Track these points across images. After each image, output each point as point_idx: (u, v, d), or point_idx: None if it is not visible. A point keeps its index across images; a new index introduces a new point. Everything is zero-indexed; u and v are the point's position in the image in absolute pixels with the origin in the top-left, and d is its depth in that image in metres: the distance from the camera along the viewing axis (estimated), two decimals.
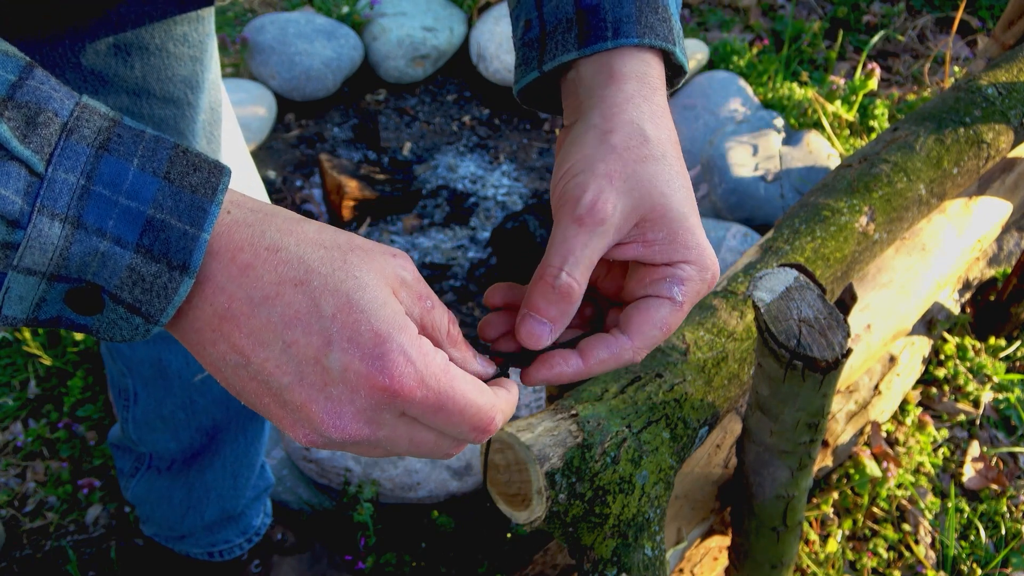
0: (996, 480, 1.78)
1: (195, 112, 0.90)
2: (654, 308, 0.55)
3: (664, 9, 0.60)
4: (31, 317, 0.45)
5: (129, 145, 0.44)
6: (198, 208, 0.44)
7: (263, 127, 2.56)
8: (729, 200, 2.22)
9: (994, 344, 2.03)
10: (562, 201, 0.55)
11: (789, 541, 1.18)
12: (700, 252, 0.56)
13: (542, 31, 0.61)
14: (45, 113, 0.42)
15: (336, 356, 0.45)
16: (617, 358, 0.56)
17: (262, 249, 0.46)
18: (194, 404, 1.21)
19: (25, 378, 1.94)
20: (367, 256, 0.48)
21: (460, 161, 2.61)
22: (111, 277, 0.44)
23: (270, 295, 0.46)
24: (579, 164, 0.55)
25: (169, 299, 0.44)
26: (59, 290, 0.44)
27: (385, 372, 0.45)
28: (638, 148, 0.55)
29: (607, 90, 0.57)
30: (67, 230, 0.42)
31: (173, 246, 0.44)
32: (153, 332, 0.46)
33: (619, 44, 0.58)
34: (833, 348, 0.88)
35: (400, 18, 2.83)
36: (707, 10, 3.15)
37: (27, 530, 1.70)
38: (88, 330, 0.46)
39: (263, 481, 1.44)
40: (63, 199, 0.42)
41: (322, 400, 0.46)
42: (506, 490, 0.84)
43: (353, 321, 0.46)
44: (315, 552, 1.56)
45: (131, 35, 0.80)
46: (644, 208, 0.54)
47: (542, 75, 0.61)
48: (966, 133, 1.37)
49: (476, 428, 0.49)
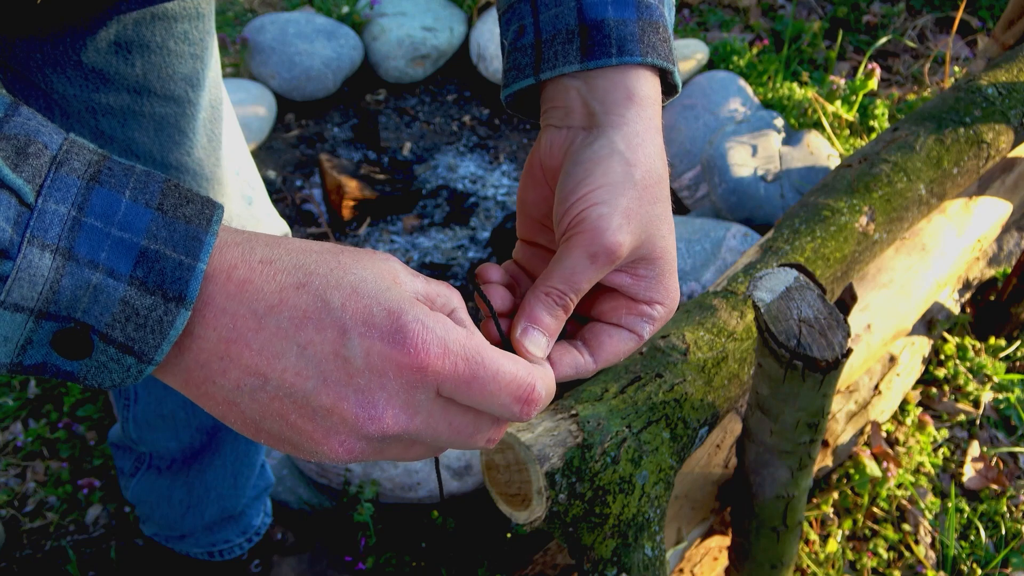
0: (996, 480, 1.78)
1: (196, 110, 0.90)
2: (623, 340, 0.58)
3: (664, 29, 0.61)
4: (15, 362, 0.43)
5: (120, 177, 0.43)
6: (193, 238, 0.43)
7: (263, 127, 2.56)
8: (729, 200, 2.22)
9: (994, 344, 2.03)
10: (578, 226, 0.55)
11: (789, 541, 1.18)
12: (673, 296, 0.59)
13: (537, 38, 0.61)
14: (35, 144, 0.41)
15: (355, 343, 0.44)
16: (579, 372, 0.58)
17: (256, 263, 0.45)
18: (194, 403, 1.20)
19: (25, 378, 1.94)
20: (359, 256, 0.48)
21: (460, 161, 2.61)
22: (103, 313, 0.42)
23: (274, 304, 0.44)
24: (603, 193, 0.55)
25: (164, 334, 0.43)
26: (46, 330, 0.42)
27: (408, 345, 0.44)
28: (653, 188, 0.57)
29: (629, 112, 0.58)
30: (58, 261, 0.41)
31: (168, 277, 0.42)
32: (145, 374, 0.44)
33: (623, 62, 0.58)
34: (833, 348, 0.88)
35: (400, 18, 2.83)
36: (707, 10, 3.15)
37: (27, 530, 1.70)
38: (74, 377, 0.44)
39: (263, 481, 1.44)
40: (54, 230, 0.41)
41: (351, 394, 0.45)
42: (506, 490, 0.84)
43: (364, 307, 0.45)
44: (315, 552, 1.56)
45: (132, 33, 0.80)
46: (645, 248, 0.57)
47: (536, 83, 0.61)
48: (966, 133, 1.37)
49: (517, 398, 0.48)
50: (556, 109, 0.61)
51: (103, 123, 0.84)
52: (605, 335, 0.58)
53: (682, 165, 2.43)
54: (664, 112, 2.82)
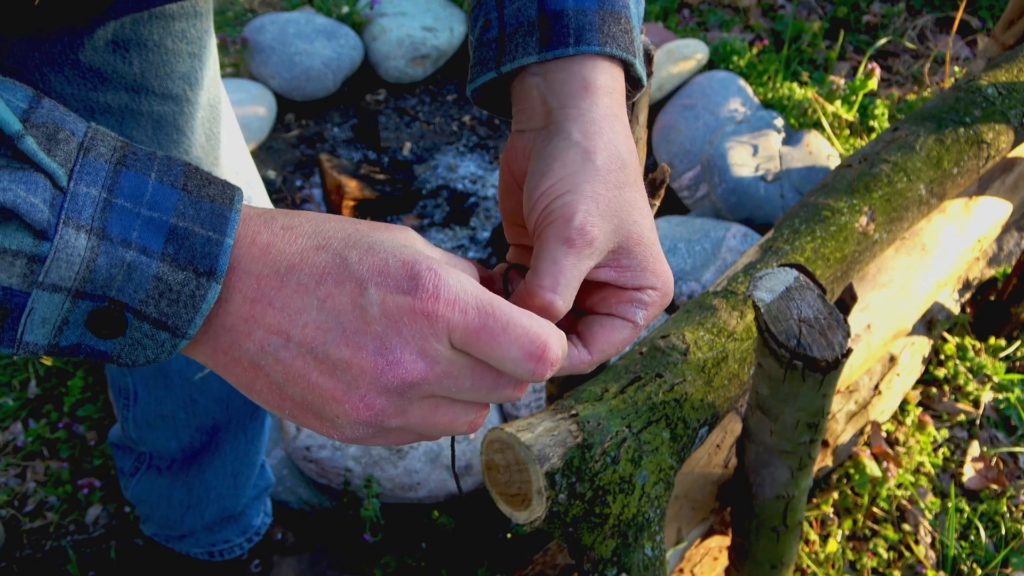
0: (996, 480, 1.78)
1: (194, 109, 0.90)
2: (617, 329, 0.57)
3: (627, 21, 0.61)
4: (52, 343, 0.44)
5: (144, 161, 0.45)
6: (219, 215, 0.45)
7: (263, 127, 2.56)
8: (729, 200, 2.22)
9: (994, 344, 2.03)
10: (547, 219, 0.55)
11: (789, 541, 1.18)
12: (664, 278, 0.58)
13: (501, 32, 0.61)
14: (63, 131, 0.43)
15: (371, 292, 0.46)
16: (574, 367, 0.57)
17: (278, 228, 0.47)
18: (194, 403, 1.21)
19: (25, 378, 1.94)
20: (375, 224, 0.50)
21: (460, 161, 2.61)
22: (136, 291, 0.43)
23: (295, 263, 0.46)
24: (565, 183, 0.55)
25: (197, 308, 0.44)
26: (82, 310, 0.43)
27: (420, 292, 0.45)
28: (618, 173, 0.56)
29: (584, 102, 0.58)
30: (93, 241, 0.42)
31: (198, 252, 0.44)
32: (179, 348, 0.46)
33: (580, 51, 0.58)
34: (833, 348, 0.88)
35: (400, 18, 2.83)
36: (707, 10, 3.15)
37: (27, 530, 1.70)
38: (108, 357, 0.45)
39: (263, 480, 1.44)
40: (87, 211, 0.42)
41: (369, 342, 0.46)
42: (506, 490, 0.84)
43: (380, 260, 0.46)
44: (315, 552, 1.56)
45: (129, 32, 0.80)
46: (621, 235, 0.56)
47: (499, 76, 0.61)
48: (966, 133, 1.37)
49: (531, 354, 0.47)
50: (520, 112, 0.61)
51: (101, 122, 0.84)
52: (597, 326, 0.58)
53: (682, 165, 2.43)
54: (664, 112, 2.81)
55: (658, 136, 2.51)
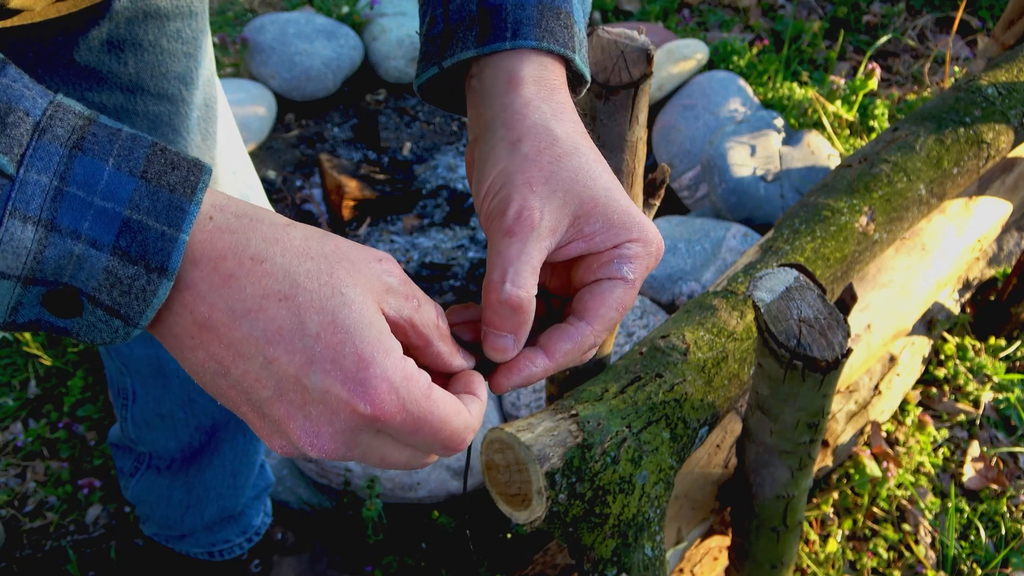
0: (996, 480, 1.78)
1: (189, 108, 0.90)
2: (607, 290, 0.56)
3: (567, 16, 0.60)
4: (8, 321, 0.43)
5: (104, 144, 0.43)
6: (176, 208, 0.43)
7: (263, 127, 2.56)
8: (729, 200, 2.22)
9: (994, 344, 2.03)
10: (490, 220, 0.55)
11: (789, 541, 1.18)
12: (641, 228, 0.56)
13: (446, 27, 0.61)
14: (16, 112, 0.41)
15: (318, 377, 0.45)
16: (580, 346, 0.56)
17: (246, 259, 0.45)
18: (193, 403, 1.21)
19: (25, 378, 1.94)
20: (353, 268, 0.47)
21: (460, 161, 2.61)
22: (88, 280, 0.43)
23: (253, 308, 0.45)
24: (497, 180, 0.55)
25: (148, 302, 0.43)
26: (35, 293, 0.43)
27: (366, 398, 0.45)
28: (549, 149, 0.55)
29: (507, 98, 0.58)
30: (40, 233, 0.41)
31: (151, 247, 0.43)
32: (133, 335, 0.45)
33: (517, 45, 0.58)
34: (833, 348, 0.88)
35: (400, 18, 2.83)
36: (707, 10, 3.15)
37: (27, 530, 1.70)
38: (68, 333, 0.45)
39: (263, 480, 1.44)
40: (35, 201, 0.41)
41: (300, 418, 0.46)
42: (506, 490, 0.84)
43: (337, 342, 0.45)
44: (315, 552, 1.56)
45: (124, 31, 0.80)
46: (573, 204, 0.55)
47: (442, 72, 0.61)
48: (966, 133, 1.37)
49: (447, 447, 0.49)
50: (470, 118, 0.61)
51: None
52: (587, 295, 0.56)
53: (682, 165, 2.43)
54: (664, 112, 2.81)
55: (658, 136, 2.51)
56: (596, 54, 0.82)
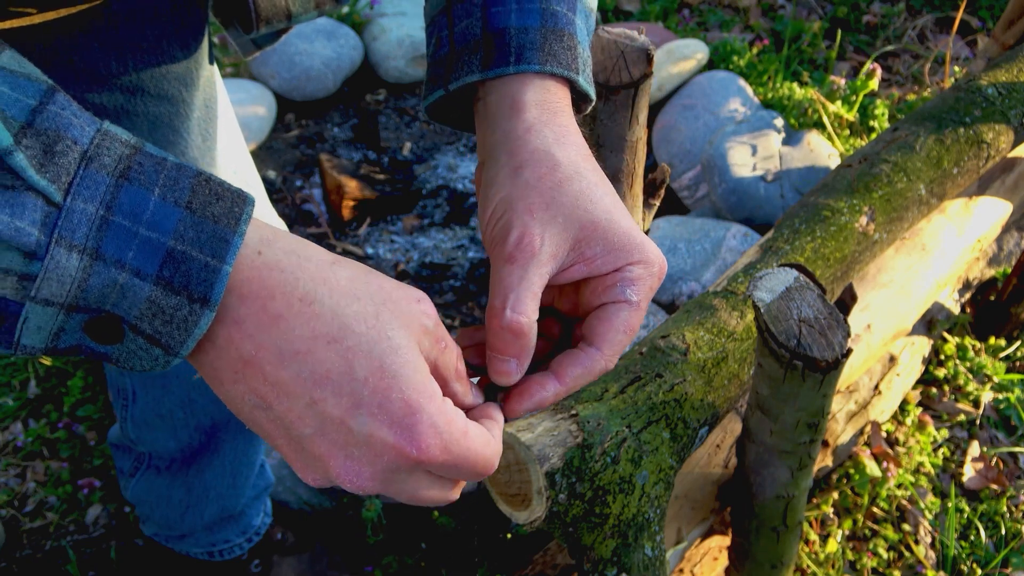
0: (996, 480, 1.78)
1: (189, 109, 0.90)
2: (613, 314, 0.56)
3: (570, 37, 0.61)
4: (50, 346, 0.44)
5: (150, 174, 0.43)
6: (220, 239, 0.43)
7: (263, 127, 2.56)
8: (729, 200, 2.22)
9: (994, 344, 2.03)
10: (493, 245, 0.56)
11: (789, 541, 1.18)
12: (642, 250, 0.56)
13: (451, 50, 0.62)
14: (64, 141, 0.41)
15: (364, 420, 0.46)
16: (590, 371, 0.56)
17: (295, 299, 0.45)
18: (193, 403, 1.21)
19: (25, 378, 1.94)
20: (397, 309, 0.48)
21: (460, 161, 2.61)
22: (130, 308, 0.43)
23: (301, 350, 0.45)
24: (500, 207, 0.56)
25: (189, 332, 0.44)
26: (77, 320, 0.43)
27: (414, 444, 0.46)
28: (550, 175, 0.56)
29: (510, 123, 0.58)
30: (85, 261, 0.41)
31: (194, 278, 0.43)
32: (173, 364, 0.45)
33: (521, 70, 0.58)
34: (833, 348, 0.88)
35: (400, 18, 2.83)
36: (707, 10, 3.15)
37: (27, 530, 1.70)
38: (108, 358, 0.45)
39: (263, 480, 1.44)
40: (81, 230, 0.41)
41: (342, 458, 0.47)
42: (506, 490, 0.84)
43: (385, 387, 0.45)
44: (315, 552, 1.56)
45: (124, 33, 0.80)
46: (573, 228, 0.55)
47: (448, 94, 0.62)
48: (966, 133, 1.37)
49: (479, 475, 0.51)
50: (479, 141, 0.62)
51: None
52: (595, 320, 0.57)
53: (682, 165, 2.43)
54: (664, 112, 2.81)
55: (658, 136, 2.51)
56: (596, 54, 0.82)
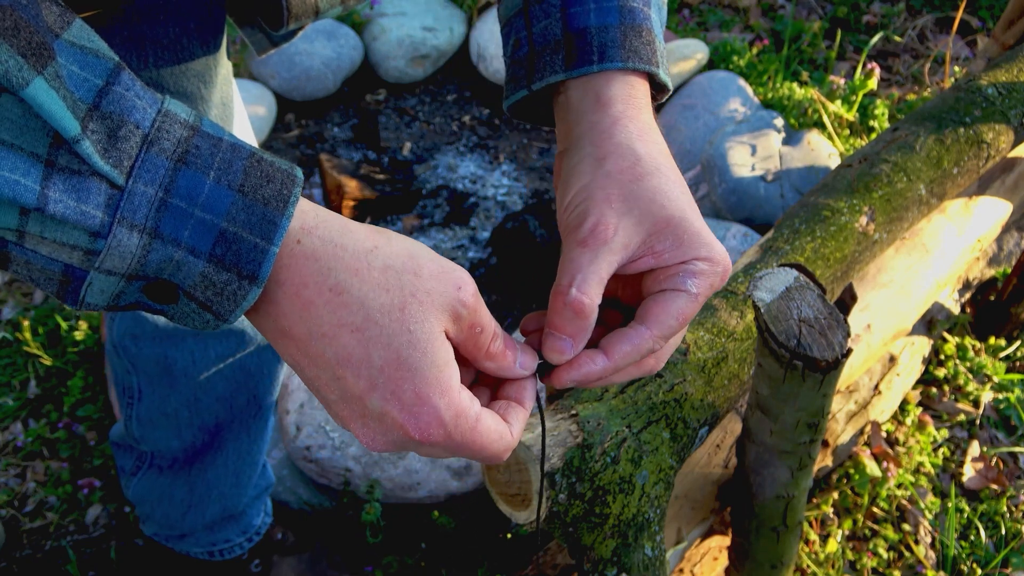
0: (996, 480, 1.78)
1: (207, 107, 0.91)
2: (670, 299, 0.57)
3: (648, 32, 0.63)
4: (111, 304, 0.48)
5: (206, 157, 0.46)
6: (269, 222, 0.47)
7: (263, 127, 2.56)
8: (729, 200, 2.22)
9: (994, 344, 2.03)
10: (568, 230, 0.58)
11: (789, 541, 1.18)
12: (709, 248, 0.58)
13: (531, 50, 0.64)
14: (127, 126, 0.44)
15: (377, 402, 0.50)
16: (638, 348, 0.57)
17: (326, 289, 0.49)
18: (198, 402, 1.21)
19: (25, 378, 1.94)
20: (428, 299, 0.51)
21: (460, 161, 2.61)
22: (185, 279, 0.47)
23: (327, 334, 0.49)
24: (579, 195, 0.58)
25: (238, 303, 0.48)
26: (137, 285, 0.47)
27: (417, 429, 0.50)
28: (631, 168, 0.58)
29: (595, 115, 0.60)
30: (145, 240, 0.45)
31: (244, 257, 0.47)
32: (222, 327, 0.50)
33: (604, 68, 0.61)
34: (833, 348, 0.88)
35: (400, 18, 2.83)
36: (707, 10, 3.16)
37: (27, 530, 1.70)
38: (165, 314, 0.50)
39: (264, 480, 1.44)
40: (142, 211, 0.45)
41: (359, 425, 0.52)
42: (506, 490, 0.84)
43: (399, 377, 0.50)
44: (315, 552, 1.56)
45: (145, 29, 0.81)
46: (647, 222, 0.57)
47: (531, 93, 0.64)
48: (966, 133, 1.37)
49: (485, 462, 0.55)
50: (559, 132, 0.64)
51: None
52: (651, 302, 0.58)
53: (682, 165, 2.43)
54: (664, 112, 2.82)
55: None
56: None
